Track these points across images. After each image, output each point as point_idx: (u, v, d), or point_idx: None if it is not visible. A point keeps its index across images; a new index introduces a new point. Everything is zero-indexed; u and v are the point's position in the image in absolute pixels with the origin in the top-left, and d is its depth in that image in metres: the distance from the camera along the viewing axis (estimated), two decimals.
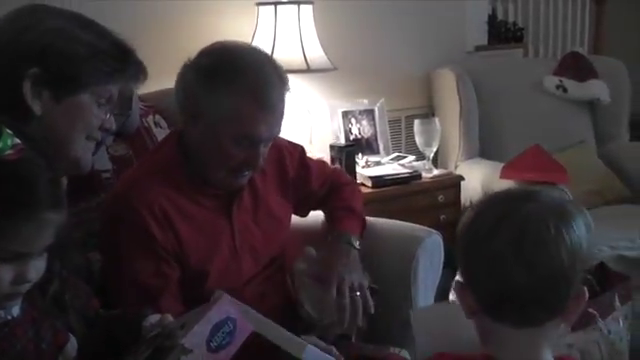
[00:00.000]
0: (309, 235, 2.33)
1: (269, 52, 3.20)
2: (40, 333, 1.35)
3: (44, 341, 1.36)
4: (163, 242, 1.87)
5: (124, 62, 1.68)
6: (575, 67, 4.29)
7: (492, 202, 1.36)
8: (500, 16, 5.06)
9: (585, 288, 1.32)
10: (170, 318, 1.45)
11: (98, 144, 1.78)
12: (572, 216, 1.29)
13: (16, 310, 1.32)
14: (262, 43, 3.25)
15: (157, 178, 1.92)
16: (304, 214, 2.33)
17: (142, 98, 2.43)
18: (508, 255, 1.26)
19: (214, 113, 1.87)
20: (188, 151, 1.95)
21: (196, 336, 1.33)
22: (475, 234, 1.32)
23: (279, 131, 1.97)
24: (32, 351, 1.32)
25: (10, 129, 1.24)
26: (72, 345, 1.40)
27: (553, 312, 1.30)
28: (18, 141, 1.24)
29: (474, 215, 1.34)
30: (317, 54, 3.32)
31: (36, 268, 1.29)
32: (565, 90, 4.24)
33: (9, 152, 1.22)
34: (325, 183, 2.31)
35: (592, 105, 4.35)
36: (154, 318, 1.46)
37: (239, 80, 1.86)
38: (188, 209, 1.94)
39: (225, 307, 1.40)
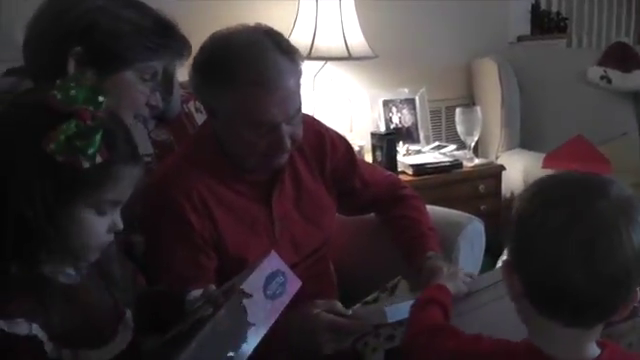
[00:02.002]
0: (355, 226, 2.33)
1: (310, 39, 3.23)
2: (103, 300, 1.38)
3: (107, 309, 1.38)
4: (201, 231, 1.87)
5: (167, 38, 1.69)
6: (620, 57, 4.25)
7: (561, 191, 1.29)
8: (543, 6, 5.00)
9: (638, 288, 1.27)
10: (213, 288, 1.47)
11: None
12: (638, 214, 1.24)
13: (84, 273, 1.36)
14: (303, 30, 3.26)
15: (196, 166, 1.91)
16: (348, 212, 2.27)
17: (183, 85, 2.43)
18: (576, 259, 1.21)
19: (223, 108, 1.84)
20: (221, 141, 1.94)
21: (253, 283, 1.37)
22: (541, 225, 1.25)
23: (297, 105, 1.87)
24: (97, 317, 1.34)
25: None
26: (129, 316, 1.43)
27: (607, 315, 1.27)
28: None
29: (540, 201, 1.28)
30: (358, 41, 3.32)
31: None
32: (609, 81, 4.19)
33: (101, 110, 1.27)
34: (379, 186, 2.23)
35: (636, 96, 4.31)
36: (197, 292, 1.49)
37: (235, 70, 1.79)
38: (226, 197, 1.92)
39: (275, 261, 1.45)
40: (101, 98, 1.26)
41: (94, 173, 1.24)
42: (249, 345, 1.33)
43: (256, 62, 1.79)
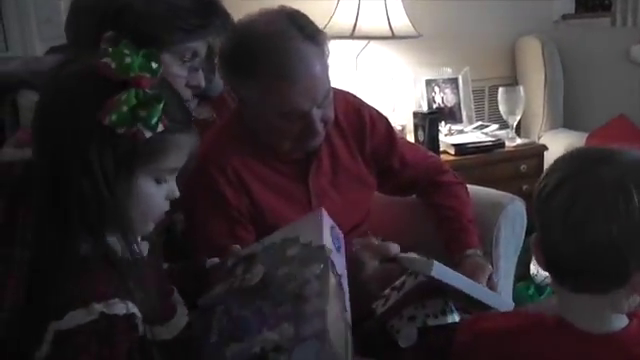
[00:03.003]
0: (399, 208, 2.33)
1: (353, 19, 3.23)
2: (159, 274, 1.40)
3: (164, 284, 1.40)
4: (237, 205, 1.89)
5: (207, 17, 1.65)
6: None
7: (565, 160, 1.30)
8: None
9: None
10: (238, 247, 1.53)
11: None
12: None
13: (146, 250, 1.35)
14: (346, 10, 3.26)
15: (232, 141, 1.92)
16: (388, 192, 2.26)
17: None
18: (557, 222, 1.22)
19: (249, 98, 1.85)
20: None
21: (328, 239, 1.38)
22: (539, 192, 1.28)
23: (326, 89, 1.83)
24: (161, 292, 1.37)
25: None
26: (177, 293, 1.44)
27: (612, 283, 1.24)
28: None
29: (547, 172, 1.30)
30: (402, 21, 3.32)
31: None
32: None
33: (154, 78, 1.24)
34: (418, 168, 2.20)
35: None
36: (215, 259, 1.53)
37: (258, 63, 1.77)
38: (262, 173, 1.94)
39: (327, 216, 1.46)
40: (154, 65, 1.23)
41: (153, 142, 1.21)
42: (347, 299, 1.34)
43: (278, 54, 1.76)
